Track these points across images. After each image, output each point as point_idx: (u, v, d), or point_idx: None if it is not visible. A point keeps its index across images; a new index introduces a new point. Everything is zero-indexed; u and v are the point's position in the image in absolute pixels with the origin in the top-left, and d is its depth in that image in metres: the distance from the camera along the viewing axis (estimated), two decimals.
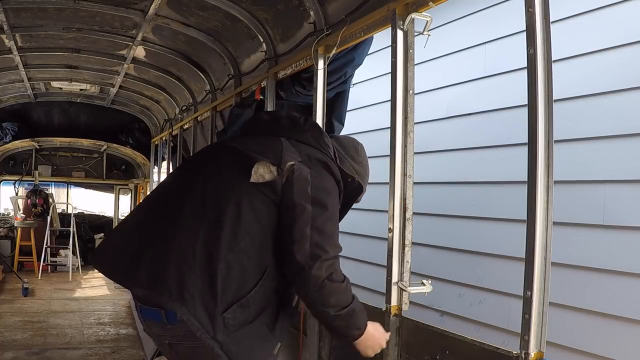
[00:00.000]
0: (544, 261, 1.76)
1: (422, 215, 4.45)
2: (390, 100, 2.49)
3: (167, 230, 1.88)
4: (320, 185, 1.94)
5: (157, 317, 1.83)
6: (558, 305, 3.32)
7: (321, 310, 1.91)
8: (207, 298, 1.78)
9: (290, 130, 2.09)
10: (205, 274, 1.79)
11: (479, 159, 4.45)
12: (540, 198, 1.76)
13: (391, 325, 2.36)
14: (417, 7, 2.41)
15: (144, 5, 4.15)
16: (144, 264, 1.85)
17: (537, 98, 1.78)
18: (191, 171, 2.09)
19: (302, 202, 1.87)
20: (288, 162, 1.90)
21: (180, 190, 2.00)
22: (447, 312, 4.54)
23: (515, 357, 1.79)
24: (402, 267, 2.41)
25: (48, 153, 10.55)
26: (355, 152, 2.31)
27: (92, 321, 6.32)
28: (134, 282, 1.89)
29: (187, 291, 1.77)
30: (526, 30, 1.82)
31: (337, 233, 1.97)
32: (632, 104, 3.28)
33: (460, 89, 4.75)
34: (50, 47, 5.36)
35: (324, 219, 1.89)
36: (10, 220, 10.46)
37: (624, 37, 3.34)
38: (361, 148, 2.38)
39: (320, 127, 2.18)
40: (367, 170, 2.36)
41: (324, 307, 1.90)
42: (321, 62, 3.21)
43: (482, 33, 4.45)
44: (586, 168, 3.51)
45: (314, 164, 1.97)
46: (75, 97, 8.24)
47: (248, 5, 3.81)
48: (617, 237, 3.30)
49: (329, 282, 1.86)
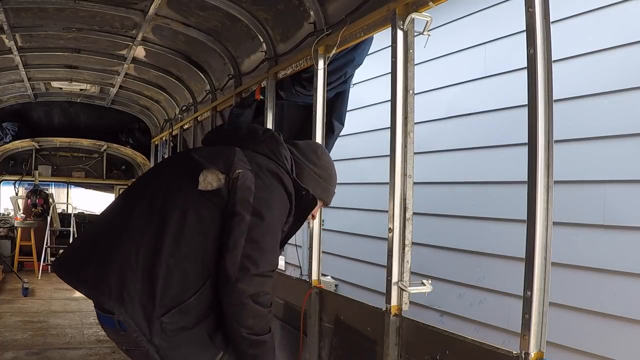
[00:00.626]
0: (544, 261, 1.76)
1: (422, 215, 4.45)
2: (390, 100, 2.49)
3: (117, 234, 1.91)
4: (264, 197, 1.90)
5: (112, 324, 1.86)
6: (558, 305, 3.32)
7: (235, 327, 1.86)
8: (146, 301, 1.79)
9: (246, 140, 2.08)
10: (146, 277, 1.80)
11: (479, 159, 4.45)
12: (540, 198, 1.76)
13: (391, 325, 2.37)
14: (417, 7, 2.41)
15: (144, 5, 4.15)
16: (92, 265, 1.89)
17: (537, 98, 1.78)
18: (150, 177, 2.13)
19: (241, 211, 1.85)
20: (236, 170, 1.90)
21: (135, 197, 2.02)
22: (447, 312, 4.54)
23: (515, 357, 1.79)
24: (402, 267, 2.41)
25: (48, 153, 10.54)
26: (315, 156, 2.26)
27: (92, 321, 6.31)
28: (79, 281, 1.92)
29: (127, 293, 1.79)
30: (526, 30, 1.82)
31: (274, 249, 1.93)
32: (632, 104, 3.28)
33: (460, 89, 4.75)
34: (50, 47, 5.36)
35: (261, 232, 1.86)
36: (11, 220, 10.45)
37: (624, 37, 3.34)
38: (321, 151, 2.34)
39: (279, 138, 2.14)
40: (332, 171, 2.31)
41: (239, 325, 1.85)
42: (321, 62, 3.21)
43: (482, 33, 4.45)
44: (586, 168, 3.51)
45: (264, 174, 1.95)
46: (75, 97, 8.24)
47: (248, 5, 3.81)
48: (617, 237, 3.30)
49: (252, 303, 1.82)
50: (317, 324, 3.06)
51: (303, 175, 2.18)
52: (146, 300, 1.78)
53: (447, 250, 4.68)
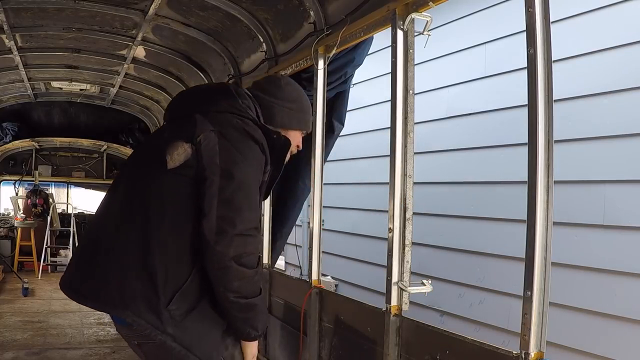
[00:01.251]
0: (544, 261, 1.76)
1: (422, 215, 4.46)
2: (390, 100, 2.49)
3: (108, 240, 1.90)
4: (230, 155, 1.84)
5: (124, 322, 1.85)
6: (558, 305, 3.33)
7: (222, 292, 1.81)
8: (149, 295, 1.77)
9: (204, 104, 2.01)
10: (142, 274, 1.79)
11: (479, 159, 4.45)
12: (541, 198, 1.76)
13: (391, 325, 2.37)
14: (417, 7, 2.41)
15: (144, 5, 4.15)
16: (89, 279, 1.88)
17: (537, 98, 1.78)
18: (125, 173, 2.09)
19: (209, 175, 1.81)
20: (199, 135, 1.85)
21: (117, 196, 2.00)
22: (447, 312, 4.54)
23: (515, 357, 1.79)
24: (402, 267, 2.41)
25: (48, 153, 10.53)
26: (279, 90, 2.18)
27: (92, 321, 6.31)
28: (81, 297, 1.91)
29: (128, 296, 1.78)
30: (526, 30, 1.82)
31: (251, 206, 1.85)
32: (632, 104, 3.28)
33: (460, 89, 4.75)
34: (50, 47, 5.36)
35: (233, 191, 1.80)
36: (10, 220, 10.45)
37: (624, 37, 3.34)
38: (285, 82, 2.25)
39: (235, 92, 2.05)
40: (301, 98, 2.23)
41: (225, 289, 1.80)
42: (321, 62, 3.21)
43: (482, 33, 4.45)
44: (586, 168, 3.51)
45: (228, 131, 1.89)
46: (75, 97, 8.23)
47: (248, 5, 3.81)
48: (617, 237, 3.30)
49: (235, 264, 1.76)
50: (317, 324, 3.06)
51: (273, 113, 2.12)
52: (149, 294, 1.78)
53: (447, 250, 4.68)
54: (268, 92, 2.16)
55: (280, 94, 2.17)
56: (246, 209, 1.81)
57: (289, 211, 4.18)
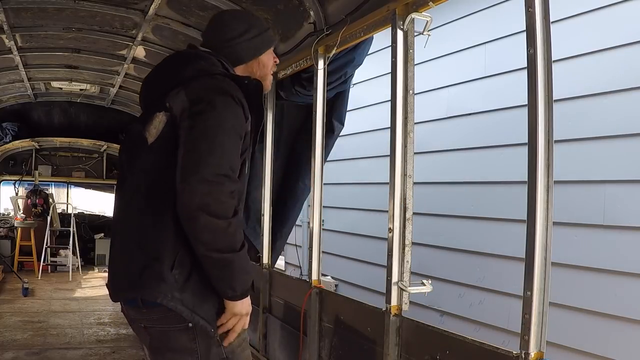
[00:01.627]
0: (544, 261, 1.76)
1: (422, 215, 4.45)
2: (390, 100, 2.49)
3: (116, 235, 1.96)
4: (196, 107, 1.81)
5: (134, 302, 1.87)
6: (558, 305, 3.32)
7: (194, 245, 1.74)
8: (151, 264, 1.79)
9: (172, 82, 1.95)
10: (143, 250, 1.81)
11: (479, 159, 4.45)
12: (540, 198, 1.76)
13: (391, 325, 2.37)
14: (417, 7, 2.41)
15: (144, 5, 4.15)
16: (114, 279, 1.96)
17: (537, 98, 1.78)
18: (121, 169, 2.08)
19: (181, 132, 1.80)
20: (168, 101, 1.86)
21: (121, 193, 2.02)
22: (447, 312, 4.54)
23: (515, 357, 1.79)
24: (402, 267, 2.41)
25: (48, 153, 10.54)
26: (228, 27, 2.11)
27: (92, 321, 6.31)
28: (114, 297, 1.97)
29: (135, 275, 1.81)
30: (526, 30, 1.82)
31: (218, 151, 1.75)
32: (632, 104, 3.28)
33: (460, 89, 4.75)
34: (50, 47, 5.36)
35: (194, 138, 1.76)
36: (10, 220, 10.45)
37: (624, 37, 3.34)
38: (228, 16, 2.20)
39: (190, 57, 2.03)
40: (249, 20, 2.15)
41: (196, 241, 1.73)
42: (321, 62, 3.21)
43: (482, 33, 4.46)
44: (586, 168, 3.51)
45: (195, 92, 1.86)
46: (75, 97, 8.23)
47: (248, 5, 3.81)
48: (617, 237, 3.30)
49: (202, 213, 1.68)
50: (317, 324, 3.06)
51: (238, 52, 2.09)
52: (151, 264, 1.79)
53: (447, 250, 4.68)
54: (222, 37, 2.11)
55: (231, 31, 2.11)
56: (212, 155, 1.74)
57: (289, 211, 4.18)
